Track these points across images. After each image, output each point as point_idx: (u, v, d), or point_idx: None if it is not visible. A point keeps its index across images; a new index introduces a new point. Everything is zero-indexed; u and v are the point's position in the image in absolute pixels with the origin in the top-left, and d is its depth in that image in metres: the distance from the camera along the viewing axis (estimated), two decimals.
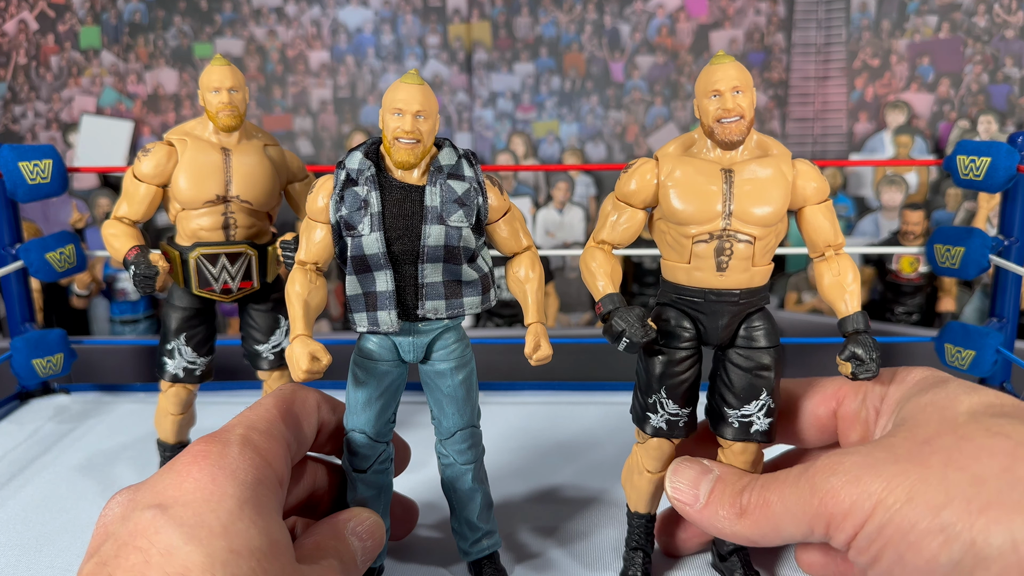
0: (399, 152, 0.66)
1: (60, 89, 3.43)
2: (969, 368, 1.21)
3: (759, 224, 0.68)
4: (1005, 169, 1.11)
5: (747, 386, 0.72)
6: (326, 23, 3.43)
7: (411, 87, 0.66)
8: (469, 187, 0.68)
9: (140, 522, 0.50)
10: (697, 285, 0.71)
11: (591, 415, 1.20)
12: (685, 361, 0.73)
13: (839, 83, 3.28)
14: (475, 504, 0.76)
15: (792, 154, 0.72)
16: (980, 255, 1.17)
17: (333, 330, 3.14)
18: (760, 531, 0.59)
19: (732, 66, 0.68)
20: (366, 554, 0.65)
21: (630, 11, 3.36)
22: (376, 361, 0.71)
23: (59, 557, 0.83)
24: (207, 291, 0.91)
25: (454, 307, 0.68)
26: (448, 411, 0.73)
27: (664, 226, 0.72)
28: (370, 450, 0.71)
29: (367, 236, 0.66)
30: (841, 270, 0.71)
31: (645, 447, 0.76)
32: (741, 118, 0.68)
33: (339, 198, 0.67)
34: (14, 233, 1.23)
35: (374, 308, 0.67)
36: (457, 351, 0.72)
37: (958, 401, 0.57)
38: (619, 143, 3.46)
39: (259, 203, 0.91)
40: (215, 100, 0.88)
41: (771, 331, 0.73)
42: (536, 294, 0.73)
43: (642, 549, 0.78)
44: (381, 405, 0.71)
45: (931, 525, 0.48)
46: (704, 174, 0.69)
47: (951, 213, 3.01)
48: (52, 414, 1.23)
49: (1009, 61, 3.08)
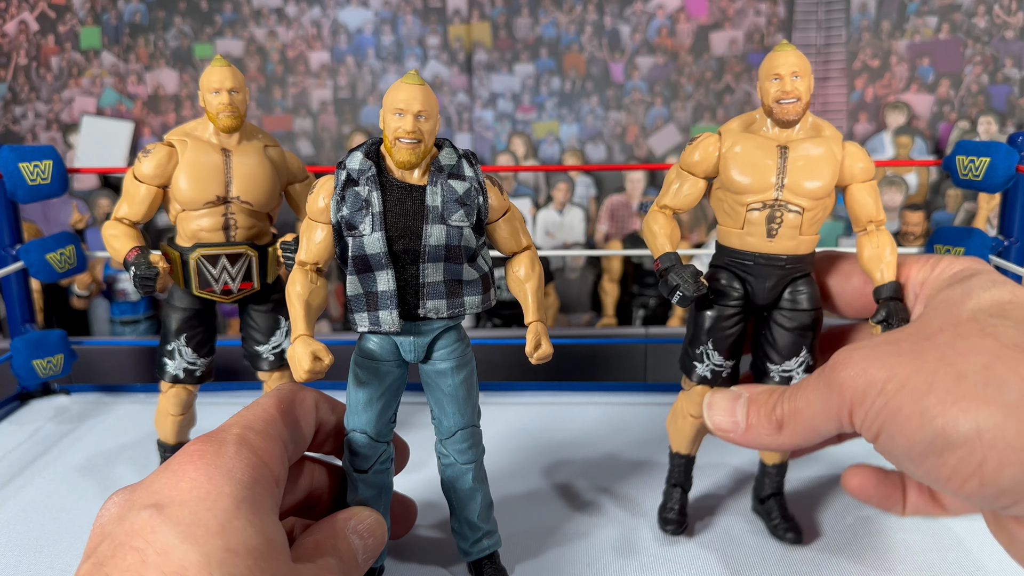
0: (401, 152, 0.66)
1: (60, 90, 3.44)
2: None
3: (809, 197, 0.75)
4: (1004, 169, 1.11)
5: (789, 344, 0.80)
6: (326, 24, 3.43)
7: (412, 87, 0.66)
8: (470, 187, 0.68)
9: (136, 522, 0.50)
10: (748, 249, 0.79)
11: (591, 415, 1.20)
12: (732, 318, 0.81)
13: (839, 84, 3.28)
14: (475, 504, 0.76)
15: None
16: (980, 255, 1.17)
17: (333, 331, 3.14)
18: (800, 437, 0.65)
19: (792, 53, 0.76)
20: (367, 552, 0.65)
21: (630, 12, 3.36)
22: (377, 361, 0.70)
23: (59, 557, 0.83)
24: (207, 292, 0.91)
25: (455, 306, 0.68)
26: (449, 410, 0.73)
27: (722, 194, 0.79)
28: (371, 450, 0.71)
29: (368, 236, 0.66)
30: (880, 243, 0.77)
31: (689, 394, 0.84)
32: (798, 100, 0.75)
33: (340, 198, 0.67)
34: (14, 234, 1.23)
35: (375, 308, 0.67)
36: (458, 351, 0.72)
37: (969, 297, 0.62)
38: (619, 143, 3.46)
39: (259, 204, 0.91)
40: (215, 101, 0.88)
41: (814, 295, 0.80)
42: (536, 293, 0.73)
43: (680, 486, 0.87)
44: (382, 405, 0.71)
45: (913, 410, 0.54)
46: (762, 149, 0.76)
47: (951, 214, 3.01)
48: (52, 415, 1.23)
49: (1009, 62, 3.08)
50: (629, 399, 1.26)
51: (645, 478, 1.00)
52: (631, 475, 1.01)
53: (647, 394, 1.28)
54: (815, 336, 0.80)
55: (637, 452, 1.07)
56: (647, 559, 0.82)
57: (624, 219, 3.25)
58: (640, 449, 1.08)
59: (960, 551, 0.83)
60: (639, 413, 1.21)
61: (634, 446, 1.09)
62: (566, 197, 3.14)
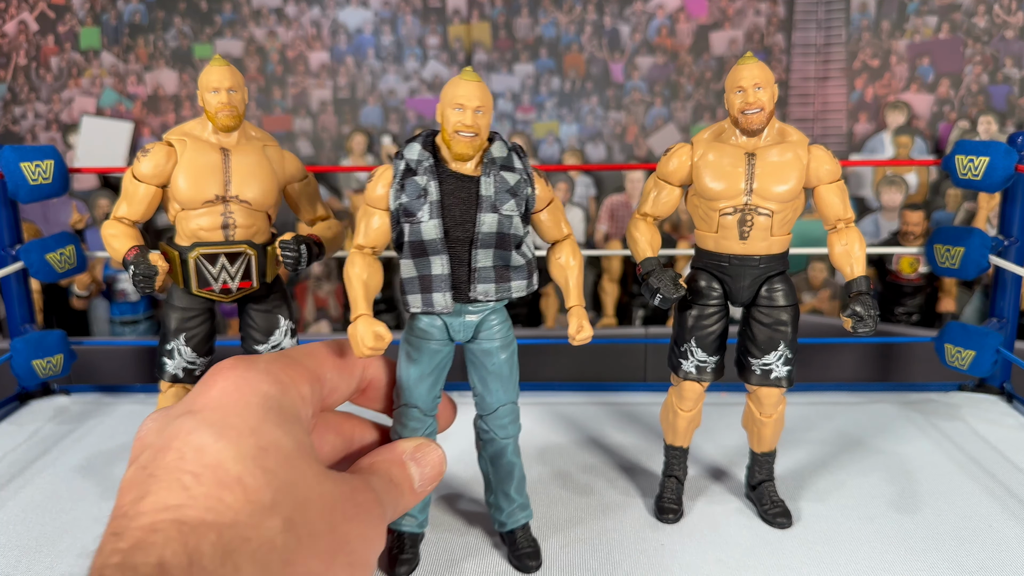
0: (459, 144, 0.71)
1: (60, 90, 3.44)
2: (969, 368, 1.21)
3: (777, 200, 0.80)
4: (1003, 169, 1.11)
5: (767, 339, 0.85)
6: (326, 24, 3.43)
7: (471, 84, 0.71)
8: (520, 178, 0.73)
9: (173, 428, 0.54)
10: (723, 251, 0.83)
11: (591, 415, 1.20)
12: (712, 316, 0.85)
13: (839, 84, 3.28)
14: (512, 477, 0.81)
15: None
16: (980, 255, 1.17)
17: (333, 331, 3.14)
18: None
19: (755, 66, 0.80)
20: (424, 480, 0.65)
21: (630, 12, 3.36)
22: (427, 340, 0.75)
23: (59, 558, 0.83)
24: (206, 291, 0.91)
25: (503, 290, 0.74)
26: (492, 387, 0.78)
27: (697, 201, 0.84)
28: (419, 423, 0.76)
29: (426, 222, 0.70)
30: (849, 240, 0.82)
31: (678, 389, 0.89)
32: (761, 110, 0.79)
33: (400, 187, 0.71)
34: (14, 234, 1.23)
35: (429, 290, 0.72)
36: (502, 331, 0.77)
37: None
38: (619, 144, 3.46)
39: (258, 203, 0.91)
40: (214, 100, 0.88)
41: (789, 292, 0.84)
42: (577, 279, 0.78)
43: (675, 476, 0.91)
44: (431, 381, 0.76)
45: None
46: (730, 157, 0.81)
47: (951, 213, 3.01)
48: (52, 415, 1.23)
49: (1009, 61, 3.08)
50: (629, 399, 1.26)
51: (642, 471, 1.01)
52: (629, 469, 1.02)
53: (647, 393, 1.28)
54: (793, 331, 0.85)
55: (636, 448, 1.08)
56: (645, 545, 0.84)
57: (624, 219, 3.25)
58: (639, 445, 1.08)
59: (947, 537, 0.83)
60: (639, 412, 1.21)
61: (633, 443, 1.09)
62: (566, 197, 3.14)
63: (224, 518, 0.48)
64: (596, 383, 1.33)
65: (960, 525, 0.87)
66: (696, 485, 0.97)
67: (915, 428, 1.14)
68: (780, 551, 0.83)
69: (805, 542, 0.85)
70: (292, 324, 0.99)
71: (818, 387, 1.30)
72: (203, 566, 0.45)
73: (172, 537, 0.46)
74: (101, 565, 0.44)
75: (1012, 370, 1.26)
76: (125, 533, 0.47)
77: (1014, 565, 0.80)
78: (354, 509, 0.57)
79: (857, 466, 1.02)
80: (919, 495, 0.94)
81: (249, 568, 0.47)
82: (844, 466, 1.02)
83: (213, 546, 0.46)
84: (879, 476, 0.99)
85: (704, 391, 0.89)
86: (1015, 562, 0.81)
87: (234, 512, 0.49)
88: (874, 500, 0.93)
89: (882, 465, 1.03)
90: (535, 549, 0.81)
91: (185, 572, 0.45)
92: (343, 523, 0.55)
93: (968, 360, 1.21)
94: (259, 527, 0.49)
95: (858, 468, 1.02)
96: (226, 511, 0.48)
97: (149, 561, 0.45)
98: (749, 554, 0.83)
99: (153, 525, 0.47)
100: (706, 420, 1.11)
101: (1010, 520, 0.89)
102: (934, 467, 1.02)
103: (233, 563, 0.47)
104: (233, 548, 0.47)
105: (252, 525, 0.49)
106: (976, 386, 1.28)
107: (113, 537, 0.47)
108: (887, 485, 0.97)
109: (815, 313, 2.97)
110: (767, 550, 0.83)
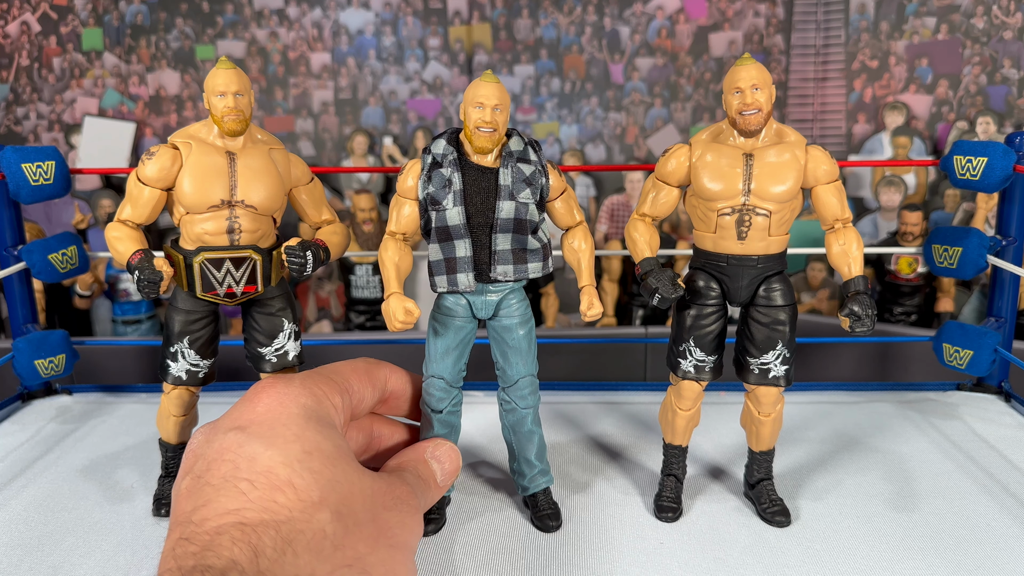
0: (480, 139, 0.78)
1: (62, 91, 3.44)
2: (967, 368, 1.21)
3: (774, 200, 0.81)
4: (1001, 169, 1.11)
5: (765, 339, 0.85)
6: (327, 25, 3.44)
7: (490, 84, 0.79)
8: (535, 169, 0.81)
9: (224, 442, 0.60)
10: (722, 251, 0.84)
11: (590, 414, 1.21)
12: (711, 316, 0.86)
13: (838, 84, 3.28)
14: (533, 444, 0.88)
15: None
16: (978, 255, 1.18)
17: (334, 331, 3.14)
18: None
19: (753, 67, 0.81)
20: (445, 475, 0.75)
21: (630, 13, 3.36)
22: (453, 317, 0.83)
23: (62, 558, 0.83)
24: (211, 295, 0.91)
25: (520, 271, 0.81)
26: (513, 360, 0.85)
27: (695, 201, 0.85)
28: (446, 394, 0.84)
29: (451, 210, 0.78)
30: (847, 240, 0.83)
31: (677, 388, 0.90)
32: (759, 111, 0.80)
33: (427, 178, 0.79)
34: (16, 234, 1.23)
35: (454, 271, 0.80)
36: (521, 309, 0.84)
37: None
38: (619, 144, 3.46)
39: (264, 208, 0.90)
40: (220, 104, 0.87)
41: (787, 292, 0.85)
42: (589, 261, 0.86)
43: (674, 475, 0.92)
44: (456, 355, 0.84)
45: None
46: (728, 158, 0.82)
47: (949, 214, 3.01)
48: (54, 415, 1.23)
49: (1007, 62, 3.09)
50: (629, 399, 1.27)
51: (641, 470, 1.02)
52: (628, 467, 1.03)
53: (646, 393, 1.29)
54: (791, 330, 0.86)
55: (635, 447, 1.08)
56: (644, 544, 0.85)
57: (623, 219, 3.26)
58: (638, 444, 1.09)
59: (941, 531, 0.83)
60: (638, 412, 1.21)
61: (632, 442, 1.10)
62: None
63: (280, 516, 0.55)
64: (596, 382, 1.34)
65: (958, 524, 0.88)
66: (695, 484, 0.98)
67: (913, 427, 1.15)
68: (779, 549, 0.83)
69: (803, 541, 0.85)
70: (296, 327, 0.98)
71: (816, 386, 1.31)
72: (268, 557, 0.52)
73: (237, 537, 0.52)
74: (177, 568, 0.50)
75: (1010, 369, 1.27)
76: (194, 538, 0.53)
77: (1012, 564, 0.81)
78: (392, 500, 0.64)
79: (855, 465, 1.03)
80: (917, 494, 0.95)
81: (306, 555, 0.54)
82: (842, 465, 1.03)
83: (273, 540, 0.53)
84: (877, 475, 1.00)
85: (703, 390, 0.89)
86: (1013, 561, 0.81)
87: (288, 510, 0.55)
88: (872, 499, 0.94)
89: (880, 464, 1.03)
90: (555, 511, 0.88)
91: (253, 564, 0.51)
92: (383, 512, 0.62)
93: (966, 359, 1.21)
94: (311, 520, 0.56)
95: (856, 467, 1.02)
96: (280, 510, 0.55)
97: (220, 560, 0.51)
98: (748, 552, 0.83)
99: (219, 528, 0.53)
100: (705, 419, 1.11)
101: (1008, 519, 0.89)
102: (932, 466, 1.02)
103: (292, 552, 0.53)
104: (290, 540, 0.54)
105: (304, 519, 0.56)
106: (974, 385, 1.29)
107: (183, 542, 0.52)
108: (885, 484, 0.98)
109: (814, 313, 2.98)
110: (766, 549, 0.84)
